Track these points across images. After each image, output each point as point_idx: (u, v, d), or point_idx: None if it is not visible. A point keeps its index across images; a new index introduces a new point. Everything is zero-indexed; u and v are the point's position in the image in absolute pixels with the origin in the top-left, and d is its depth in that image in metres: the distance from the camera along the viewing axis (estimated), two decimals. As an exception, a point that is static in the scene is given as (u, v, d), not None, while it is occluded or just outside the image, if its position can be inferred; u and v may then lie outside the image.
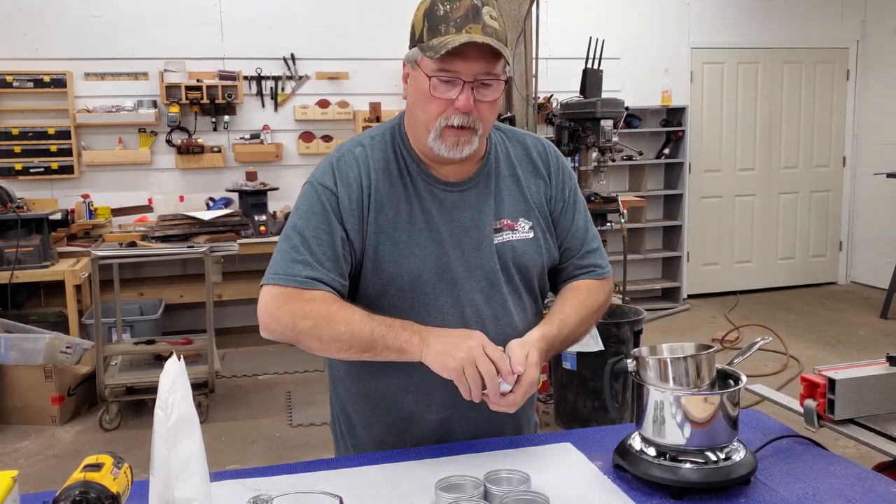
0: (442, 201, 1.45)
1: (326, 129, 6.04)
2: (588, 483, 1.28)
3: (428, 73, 1.35)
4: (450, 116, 1.36)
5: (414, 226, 1.43)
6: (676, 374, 1.27)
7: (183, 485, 1.05)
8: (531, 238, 1.49)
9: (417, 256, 1.42)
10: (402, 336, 1.32)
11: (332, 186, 1.42)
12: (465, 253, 1.44)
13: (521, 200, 1.50)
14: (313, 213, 1.40)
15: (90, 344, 4.19)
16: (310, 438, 3.94)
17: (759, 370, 4.77)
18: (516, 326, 1.47)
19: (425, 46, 1.34)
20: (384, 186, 1.43)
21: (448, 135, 1.37)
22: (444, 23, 1.33)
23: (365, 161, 1.44)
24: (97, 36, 5.56)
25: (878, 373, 1.48)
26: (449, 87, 1.34)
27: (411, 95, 1.43)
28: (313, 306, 1.34)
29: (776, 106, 7.04)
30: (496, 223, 1.47)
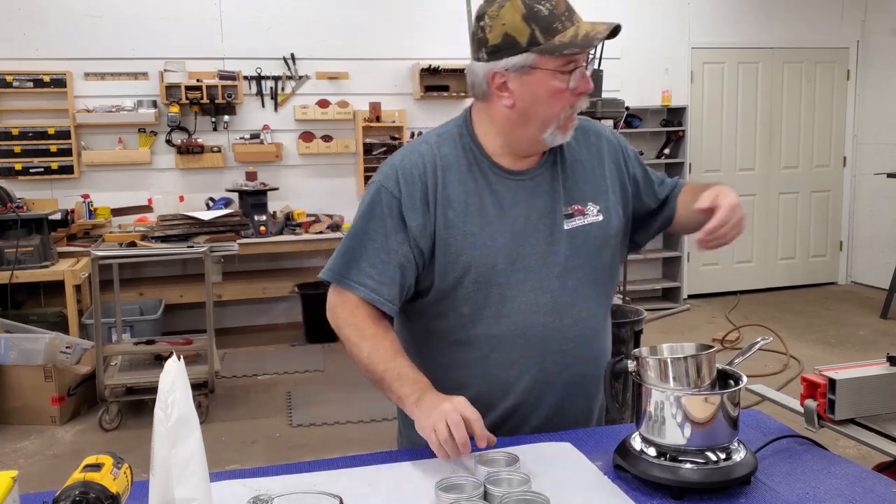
0: (514, 191, 1.49)
1: (326, 129, 6.04)
2: (588, 483, 1.28)
3: (556, 68, 1.38)
4: (575, 103, 1.42)
5: (485, 218, 1.47)
6: (677, 374, 1.27)
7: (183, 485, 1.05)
8: (601, 221, 1.52)
9: (489, 247, 1.46)
10: (405, 390, 1.39)
11: (394, 188, 1.46)
12: (537, 241, 1.48)
13: (587, 185, 1.53)
14: (373, 217, 1.47)
15: (90, 344, 4.18)
16: (310, 438, 3.94)
17: (759, 370, 4.77)
18: (592, 310, 1.52)
19: (551, 47, 1.36)
20: (452, 182, 1.47)
21: (568, 122, 1.44)
22: (557, 20, 1.37)
23: (431, 158, 1.48)
24: (97, 36, 5.56)
25: (878, 373, 1.48)
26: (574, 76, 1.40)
27: (526, 99, 1.41)
28: (355, 320, 1.46)
29: (776, 106, 7.04)
30: (567, 209, 1.50)
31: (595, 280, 1.53)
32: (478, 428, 1.30)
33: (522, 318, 1.47)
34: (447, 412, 1.29)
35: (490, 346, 1.49)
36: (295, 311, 5.87)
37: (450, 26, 5.36)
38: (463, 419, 1.28)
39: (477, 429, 1.29)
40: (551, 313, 1.47)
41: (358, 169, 6.13)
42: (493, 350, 1.48)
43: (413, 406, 1.37)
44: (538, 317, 1.47)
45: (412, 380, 1.40)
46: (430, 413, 1.32)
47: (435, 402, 1.33)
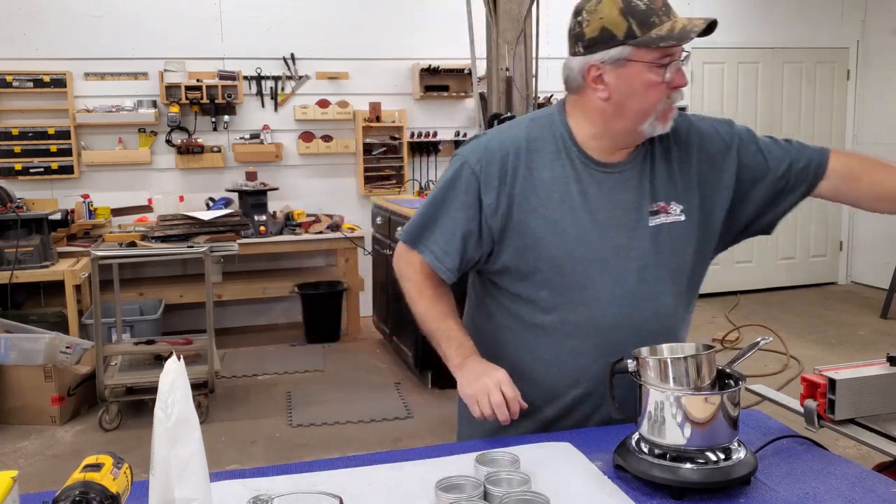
0: (601, 183, 1.50)
1: (326, 129, 6.05)
2: (588, 483, 1.28)
3: (652, 61, 1.40)
4: (671, 95, 1.44)
5: (567, 206, 1.49)
6: (677, 374, 1.27)
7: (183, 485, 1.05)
8: (682, 221, 1.52)
9: (570, 235, 1.48)
10: (450, 352, 1.54)
11: (476, 165, 1.52)
12: (620, 234, 1.49)
13: (672, 183, 1.53)
14: (452, 190, 1.54)
15: (90, 344, 4.18)
16: (310, 438, 3.94)
17: (759, 370, 4.77)
18: (668, 308, 1.52)
19: (648, 40, 1.38)
20: (538, 167, 1.50)
21: (667, 113, 1.45)
22: (654, 15, 1.39)
23: (519, 142, 1.52)
24: (97, 36, 5.56)
25: (878, 373, 1.48)
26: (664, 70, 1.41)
27: (621, 92, 1.44)
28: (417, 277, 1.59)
29: (776, 106, 7.04)
30: (653, 206, 1.51)
31: (675, 279, 1.54)
32: (514, 409, 1.43)
33: (598, 308, 1.49)
34: (490, 389, 1.43)
35: (563, 334, 1.51)
36: (295, 311, 5.87)
37: (450, 26, 5.36)
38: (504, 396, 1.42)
39: (513, 409, 1.43)
40: (628, 306, 1.48)
41: (358, 169, 6.13)
42: (566, 337, 1.51)
43: (456, 369, 1.51)
44: (614, 308, 1.48)
45: (458, 343, 1.53)
46: (472, 383, 1.46)
47: (477, 372, 1.47)
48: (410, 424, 4.10)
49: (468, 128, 6.25)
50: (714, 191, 1.55)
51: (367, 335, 5.75)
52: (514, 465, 1.27)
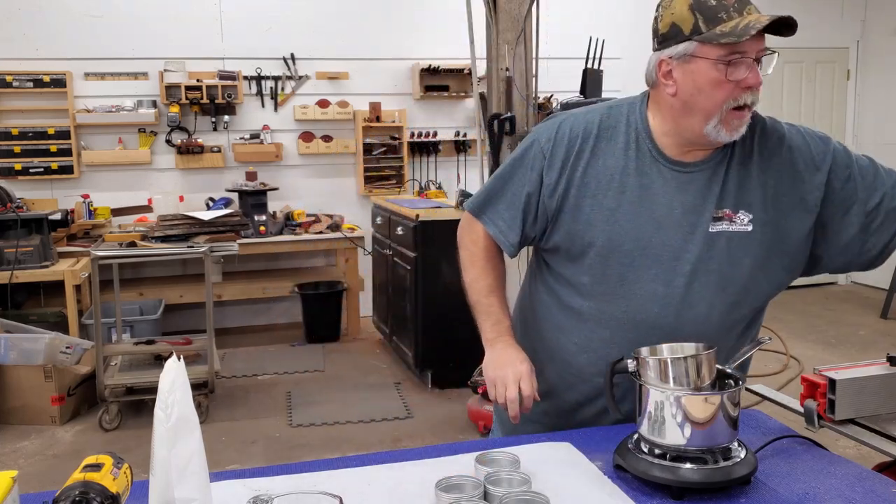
0: (667, 180, 1.48)
1: (326, 129, 6.05)
2: (588, 483, 1.28)
3: (718, 58, 1.37)
4: (738, 97, 1.39)
5: (625, 197, 1.48)
6: (677, 374, 1.27)
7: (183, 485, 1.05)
8: (748, 232, 1.46)
9: (621, 226, 1.47)
10: (485, 327, 1.60)
11: (545, 144, 1.55)
12: (674, 234, 1.47)
13: (745, 191, 1.47)
14: (521, 165, 1.58)
15: (90, 344, 4.18)
16: (310, 438, 3.94)
17: (759, 370, 4.77)
18: (710, 318, 1.47)
19: (713, 35, 1.36)
20: (604, 153, 1.51)
21: (732, 117, 1.41)
22: (723, 11, 1.37)
23: (591, 127, 1.53)
24: (97, 36, 5.56)
25: (878, 373, 1.48)
26: (734, 68, 1.38)
27: (687, 88, 1.42)
28: (474, 248, 1.65)
29: (776, 106, 7.03)
30: (717, 212, 1.47)
31: (726, 289, 1.47)
32: (527, 405, 1.48)
33: (637, 304, 1.48)
34: (508, 381, 1.49)
35: (597, 322, 1.52)
36: (295, 311, 5.87)
37: (450, 26, 5.36)
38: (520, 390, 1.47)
39: (526, 405, 1.48)
40: (667, 308, 1.46)
41: (358, 169, 6.13)
42: (599, 326, 1.52)
43: (487, 344, 1.58)
44: (653, 307, 1.47)
45: (495, 320, 1.59)
46: (495, 367, 1.52)
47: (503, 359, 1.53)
48: (410, 424, 4.10)
49: (468, 128, 6.25)
50: (792, 209, 1.47)
51: (367, 335, 5.75)
52: (514, 465, 1.27)
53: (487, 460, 1.29)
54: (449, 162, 6.33)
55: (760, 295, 1.54)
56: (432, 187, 6.20)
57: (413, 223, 4.54)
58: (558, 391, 1.60)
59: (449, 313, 3.83)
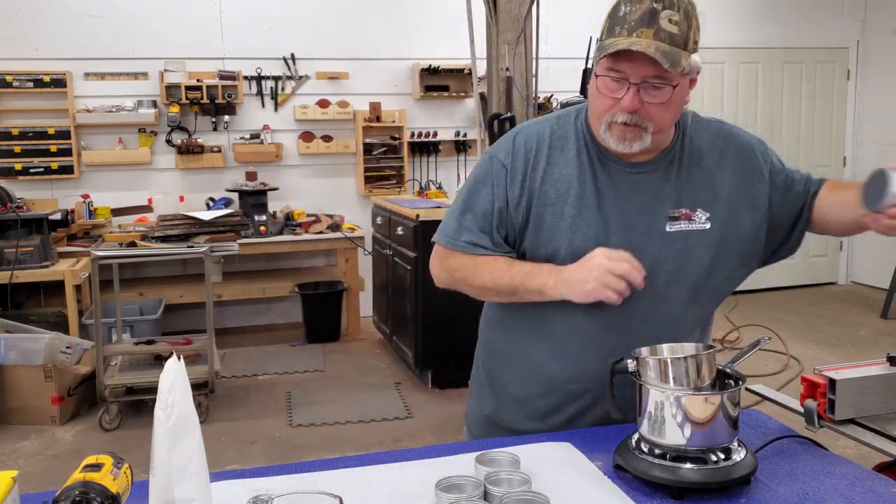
0: (618, 182, 1.49)
1: (326, 129, 6.05)
2: (588, 483, 1.28)
3: (599, 71, 1.40)
4: (616, 114, 1.41)
5: (584, 203, 1.48)
6: (677, 374, 1.27)
7: (183, 485, 1.05)
8: (707, 230, 1.49)
9: (584, 232, 1.47)
10: (540, 279, 1.46)
11: (504, 158, 1.53)
12: (632, 235, 1.47)
13: (703, 192, 1.50)
14: (483, 184, 1.54)
15: (90, 344, 4.18)
16: (310, 438, 3.94)
17: (759, 370, 4.77)
18: (675, 316, 1.50)
19: (599, 46, 1.39)
20: (559, 162, 1.51)
21: (615, 130, 1.43)
22: (621, 24, 1.37)
23: (543, 137, 1.53)
24: (97, 36, 5.56)
25: (878, 373, 1.48)
26: (617, 86, 1.39)
27: (589, 88, 1.48)
28: (462, 261, 1.55)
29: (776, 106, 7.04)
30: (674, 211, 1.49)
31: (689, 287, 1.50)
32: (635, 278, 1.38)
33: (603, 307, 1.46)
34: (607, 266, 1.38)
35: (565, 329, 1.51)
36: (295, 311, 5.87)
37: (450, 26, 5.36)
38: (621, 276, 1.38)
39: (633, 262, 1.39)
40: (632, 310, 1.46)
41: (358, 169, 6.13)
42: (569, 332, 1.51)
43: (558, 286, 1.44)
44: (619, 309, 1.45)
45: (538, 271, 1.47)
46: (586, 278, 1.40)
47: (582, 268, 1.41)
48: (410, 424, 4.10)
49: (468, 128, 6.25)
50: (744, 207, 1.52)
51: (367, 335, 5.75)
52: (514, 465, 1.27)
53: (487, 460, 1.29)
54: (449, 162, 6.33)
55: (719, 292, 1.57)
56: (432, 187, 6.21)
57: (413, 223, 4.54)
58: (530, 399, 1.58)
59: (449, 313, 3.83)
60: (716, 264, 1.51)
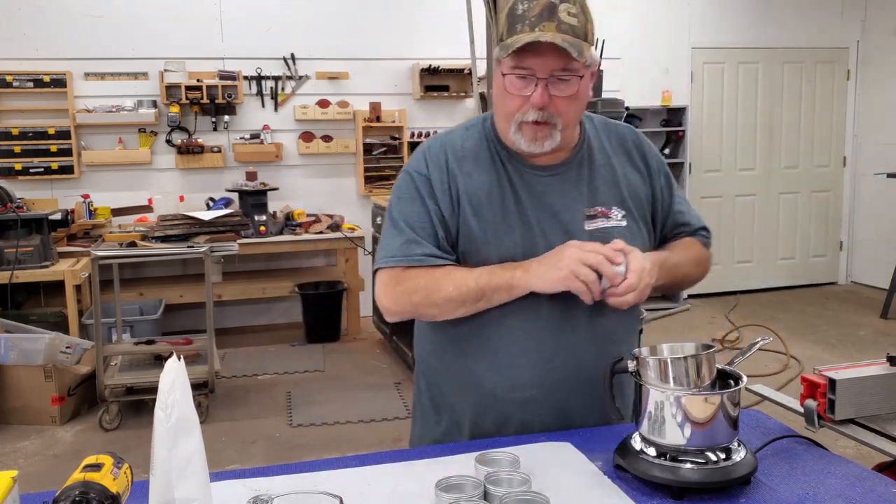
0: (532, 186, 1.49)
1: (326, 129, 6.05)
2: (588, 483, 1.28)
3: (504, 70, 1.39)
4: (526, 112, 1.40)
5: (506, 209, 1.48)
6: (677, 374, 1.27)
7: (183, 485, 1.05)
8: (624, 226, 1.51)
9: (510, 238, 1.47)
10: (506, 274, 1.41)
11: (425, 171, 1.50)
12: (554, 237, 1.47)
13: (614, 189, 1.53)
14: (412, 200, 1.49)
15: (90, 344, 4.18)
16: (310, 438, 3.94)
17: (759, 370, 4.77)
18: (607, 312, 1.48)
19: (502, 45, 1.38)
20: (475, 171, 1.50)
21: (526, 130, 1.42)
22: (521, 22, 1.37)
23: (455, 148, 1.51)
24: (97, 36, 5.56)
25: (878, 373, 1.48)
26: (525, 83, 1.38)
27: (494, 90, 1.47)
28: (418, 280, 1.45)
29: (776, 106, 7.04)
30: (589, 210, 1.50)
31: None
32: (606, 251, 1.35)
33: (536, 311, 1.46)
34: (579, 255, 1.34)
35: (502, 337, 1.49)
36: (295, 311, 5.87)
37: (450, 26, 5.36)
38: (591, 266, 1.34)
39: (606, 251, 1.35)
40: (566, 310, 1.45)
41: (358, 169, 6.13)
42: (505, 341, 1.49)
43: (527, 276, 1.39)
44: (552, 311, 1.46)
45: (502, 266, 1.43)
46: (557, 266, 1.36)
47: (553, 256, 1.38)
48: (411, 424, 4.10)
49: (468, 128, 6.24)
50: (646, 201, 1.57)
51: (367, 335, 5.75)
52: (514, 465, 1.27)
53: (487, 460, 1.29)
54: (449, 162, 6.32)
55: None
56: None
57: (413, 223, 4.53)
58: (475, 418, 1.54)
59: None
60: None
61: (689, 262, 1.58)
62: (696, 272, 1.61)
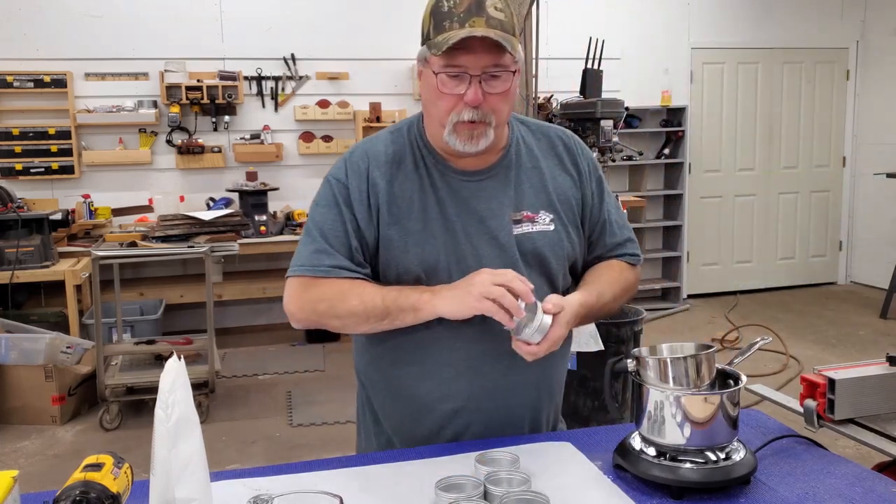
0: (458, 191, 1.47)
1: (326, 129, 6.05)
2: (588, 483, 1.28)
3: (435, 69, 1.36)
4: (461, 112, 1.37)
5: (428, 216, 1.45)
6: (676, 374, 1.27)
7: (183, 485, 1.05)
8: (552, 230, 1.49)
9: (432, 245, 1.44)
10: (413, 295, 1.37)
11: (344, 179, 1.47)
12: (480, 242, 1.45)
13: (542, 193, 1.50)
14: (329, 207, 1.46)
15: (90, 344, 4.18)
16: (310, 438, 3.95)
17: (759, 370, 4.77)
18: None
19: (431, 44, 1.35)
20: (398, 178, 1.46)
21: (461, 130, 1.39)
22: (448, 19, 1.34)
23: (377, 154, 1.48)
24: (97, 36, 5.56)
25: (877, 373, 1.48)
26: (457, 82, 1.36)
27: (424, 93, 1.44)
28: (326, 290, 1.42)
29: (776, 106, 7.04)
30: (516, 214, 1.47)
31: (542, 289, 1.47)
32: (518, 285, 1.30)
33: (463, 323, 1.41)
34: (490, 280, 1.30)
35: (427, 347, 1.46)
36: (295, 311, 5.86)
37: (450, 26, 5.36)
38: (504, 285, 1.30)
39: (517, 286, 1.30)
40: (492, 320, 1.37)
41: (358, 169, 6.12)
42: (430, 351, 1.46)
43: (434, 299, 1.35)
44: (478, 319, 1.41)
45: (411, 289, 1.39)
46: (468, 290, 1.32)
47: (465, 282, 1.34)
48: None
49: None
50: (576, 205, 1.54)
51: (367, 335, 5.74)
52: (514, 465, 1.28)
53: (487, 460, 1.29)
54: (449, 162, 6.33)
55: (565, 289, 1.56)
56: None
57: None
58: (407, 427, 1.53)
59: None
60: (565, 260, 1.51)
61: (617, 296, 1.53)
62: (623, 301, 1.57)
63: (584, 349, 3.56)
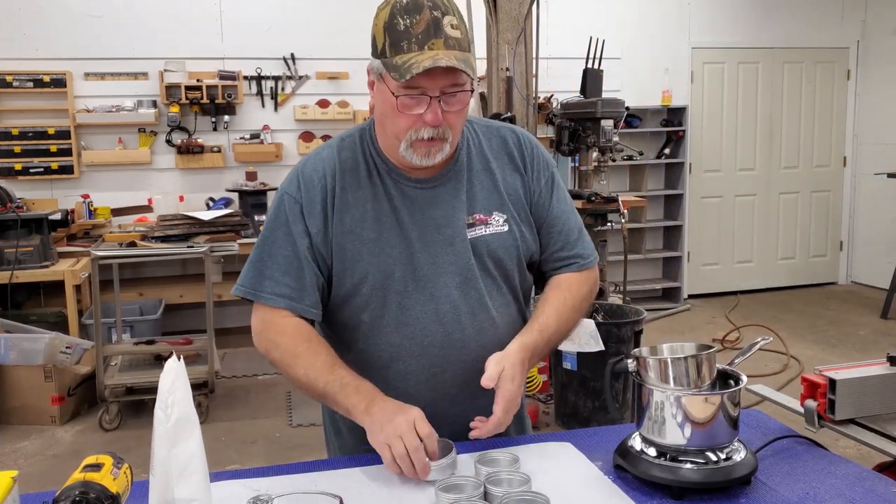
0: (412, 199, 1.46)
1: (326, 129, 6.04)
2: (588, 483, 1.28)
3: (394, 91, 1.34)
4: (419, 130, 1.36)
5: (383, 225, 1.44)
6: (677, 374, 1.27)
7: (183, 485, 1.05)
8: (506, 231, 1.48)
9: (388, 254, 1.43)
10: (351, 400, 1.36)
11: (296, 193, 1.46)
12: (437, 249, 1.44)
13: (494, 194, 1.49)
14: (279, 224, 1.46)
15: (90, 344, 4.18)
16: (310, 438, 3.94)
17: (759, 370, 4.77)
18: (494, 321, 1.48)
19: (389, 64, 1.33)
20: (351, 186, 1.45)
21: (419, 146, 1.38)
22: (406, 39, 1.31)
23: (331, 163, 1.47)
24: (97, 36, 5.56)
25: (878, 373, 1.48)
26: (416, 102, 1.34)
27: (379, 106, 1.42)
28: (283, 340, 1.44)
29: (776, 106, 7.04)
30: (469, 218, 1.47)
31: (501, 290, 1.49)
32: (430, 444, 1.28)
33: (421, 327, 1.43)
34: (403, 432, 1.27)
35: (388, 357, 1.46)
36: (295, 311, 5.86)
37: (450, 26, 5.36)
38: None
39: (430, 445, 1.28)
40: (451, 324, 1.43)
41: (358, 169, 6.12)
42: (391, 360, 1.46)
43: (363, 415, 1.34)
44: (438, 327, 1.43)
45: (355, 388, 1.37)
46: (383, 426, 1.29)
47: (388, 413, 1.31)
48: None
49: (468, 128, 6.25)
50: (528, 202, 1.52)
51: (367, 335, 5.74)
52: (514, 465, 1.28)
53: (487, 460, 1.29)
54: (449, 162, 6.32)
55: (525, 288, 1.56)
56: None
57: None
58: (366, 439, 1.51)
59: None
60: (520, 262, 1.51)
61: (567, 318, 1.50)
62: (578, 316, 1.55)
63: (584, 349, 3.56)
